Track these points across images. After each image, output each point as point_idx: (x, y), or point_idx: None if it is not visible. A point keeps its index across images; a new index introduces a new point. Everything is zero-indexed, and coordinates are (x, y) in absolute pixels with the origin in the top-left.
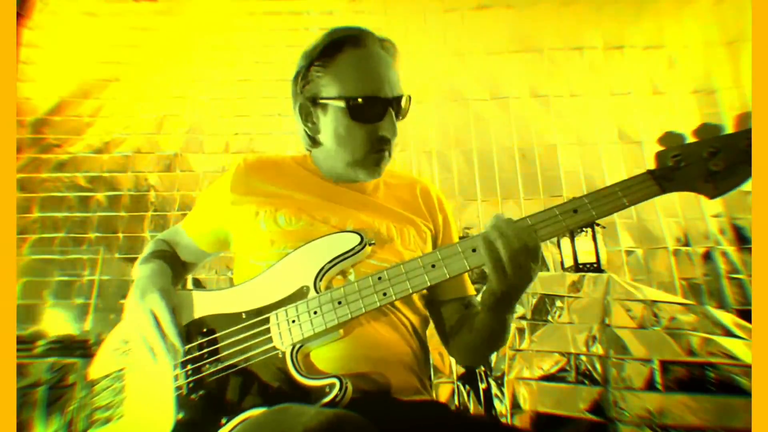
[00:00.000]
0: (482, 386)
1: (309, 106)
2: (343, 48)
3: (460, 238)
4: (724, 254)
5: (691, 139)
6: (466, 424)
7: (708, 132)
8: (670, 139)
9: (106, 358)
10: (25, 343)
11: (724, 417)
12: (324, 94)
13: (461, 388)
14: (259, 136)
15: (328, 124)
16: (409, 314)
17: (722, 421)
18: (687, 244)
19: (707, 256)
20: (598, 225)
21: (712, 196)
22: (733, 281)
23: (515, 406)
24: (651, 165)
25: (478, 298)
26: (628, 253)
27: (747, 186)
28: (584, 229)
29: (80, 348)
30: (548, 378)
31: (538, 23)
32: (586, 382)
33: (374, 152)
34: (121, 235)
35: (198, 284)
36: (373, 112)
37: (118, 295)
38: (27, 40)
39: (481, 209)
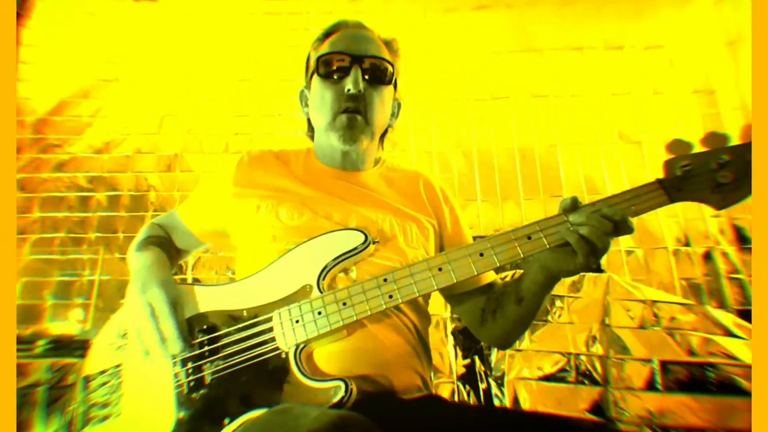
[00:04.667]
0: (482, 386)
1: (305, 90)
2: (332, 32)
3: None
4: (724, 254)
5: (698, 147)
6: (466, 414)
7: (715, 141)
8: (678, 146)
9: (102, 353)
10: (25, 343)
11: (724, 417)
12: (310, 71)
13: (461, 388)
14: (259, 136)
15: (311, 97)
16: (412, 314)
17: (722, 421)
18: (687, 244)
19: (707, 256)
20: None
21: (719, 207)
22: (733, 281)
23: (515, 406)
24: (651, 165)
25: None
26: (628, 253)
27: None
28: None
29: (80, 348)
30: (548, 378)
31: (538, 23)
32: (586, 382)
33: (341, 112)
34: (121, 235)
35: (197, 282)
36: (338, 67)
37: (118, 295)
38: (27, 40)
39: (481, 209)
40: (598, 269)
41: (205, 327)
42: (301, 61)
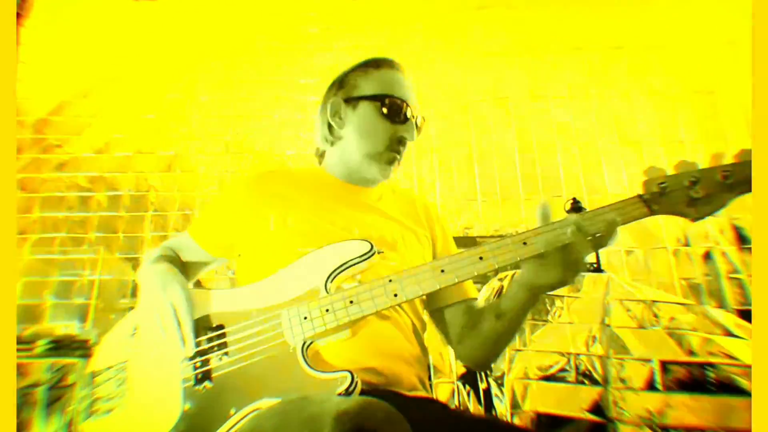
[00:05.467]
0: (482, 386)
1: (340, 103)
2: (382, 65)
3: (464, 237)
4: (724, 254)
5: (672, 172)
6: (466, 422)
7: (686, 167)
8: (654, 171)
9: (110, 351)
10: (25, 343)
11: (724, 417)
12: (359, 93)
13: (461, 388)
14: (259, 136)
15: (356, 118)
16: (412, 316)
17: (722, 421)
18: (687, 244)
19: (707, 256)
20: None
21: (694, 219)
22: (733, 281)
23: (515, 406)
24: (650, 165)
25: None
26: (628, 253)
27: None
28: None
29: (80, 348)
30: (548, 378)
31: (538, 23)
32: (586, 382)
33: (391, 150)
34: (121, 235)
35: (198, 285)
36: (401, 115)
37: (118, 295)
38: (27, 40)
39: (481, 209)
40: (598, 269)
41: (214, 326)
42: (301, 61)
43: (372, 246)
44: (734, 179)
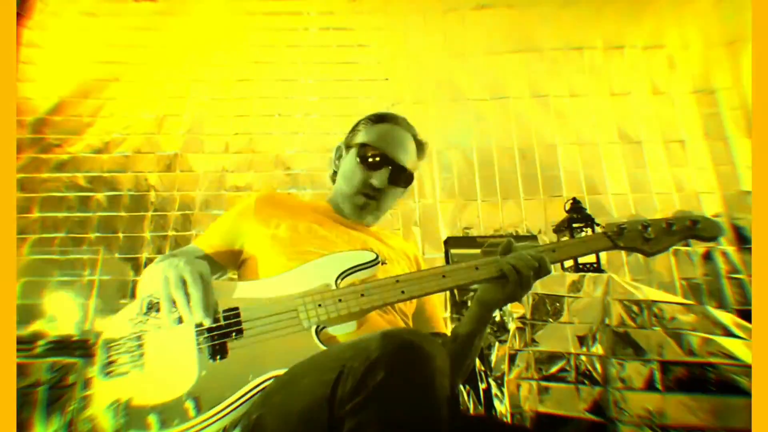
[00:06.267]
0: (482, 386)
1: (342, 148)
2: (384, 120)
3: (464, 237)
4: (724, 254)
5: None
6: (465, 421)
7: (638, 219)
8: (612, 221)
9: (123, 323)
10: (25, 343)
11: (724, 417)
12: (354, 141)
13: (461, 387)
14: (259, 136)
15: (346, 161)
16: (409, 321)
17: (722, 421)
18: (687, 244)
19: (707, 256)
20: (598, 225)
21: (648, 255)
22: (733, 281)
23: (515, 406)
24: (650, 165)
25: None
26: (629, 253)
27: (747, 186)
28: (584, 229)
29: (80, 348)
30: (548, 378)
31: (538, 23)
32: (586, 382)
33: (361, 194)
34: (121, 235)
35: None
36: (374, 162)
37: (118, 295)
38: (27, 40)
39: (481, 209)
40: (599, 269)
41: (228, 307)
42: (301, 61)
43: (377, 256)
44: (676, 227)
